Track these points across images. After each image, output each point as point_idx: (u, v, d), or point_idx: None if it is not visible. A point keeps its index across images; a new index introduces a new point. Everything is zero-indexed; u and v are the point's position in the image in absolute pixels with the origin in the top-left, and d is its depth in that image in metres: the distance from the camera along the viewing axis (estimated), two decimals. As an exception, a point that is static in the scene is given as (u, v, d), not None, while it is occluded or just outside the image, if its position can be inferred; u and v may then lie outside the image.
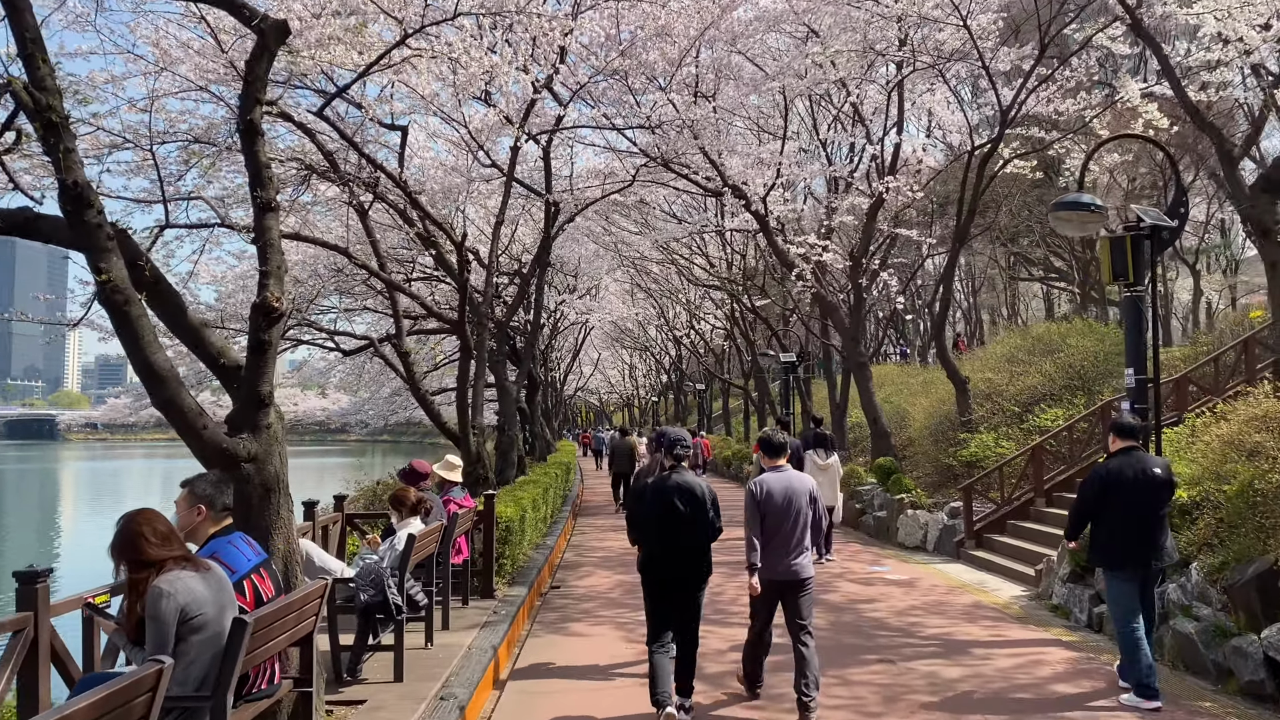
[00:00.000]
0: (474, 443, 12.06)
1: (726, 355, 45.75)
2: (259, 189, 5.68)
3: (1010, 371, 16.46)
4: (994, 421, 15.46)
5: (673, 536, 6.12)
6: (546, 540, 13.81)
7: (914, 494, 15.16)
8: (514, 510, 10.23)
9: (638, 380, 73.33)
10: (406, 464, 8.29)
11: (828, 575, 12.10)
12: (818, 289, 18.39)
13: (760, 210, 18.52)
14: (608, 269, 33.80)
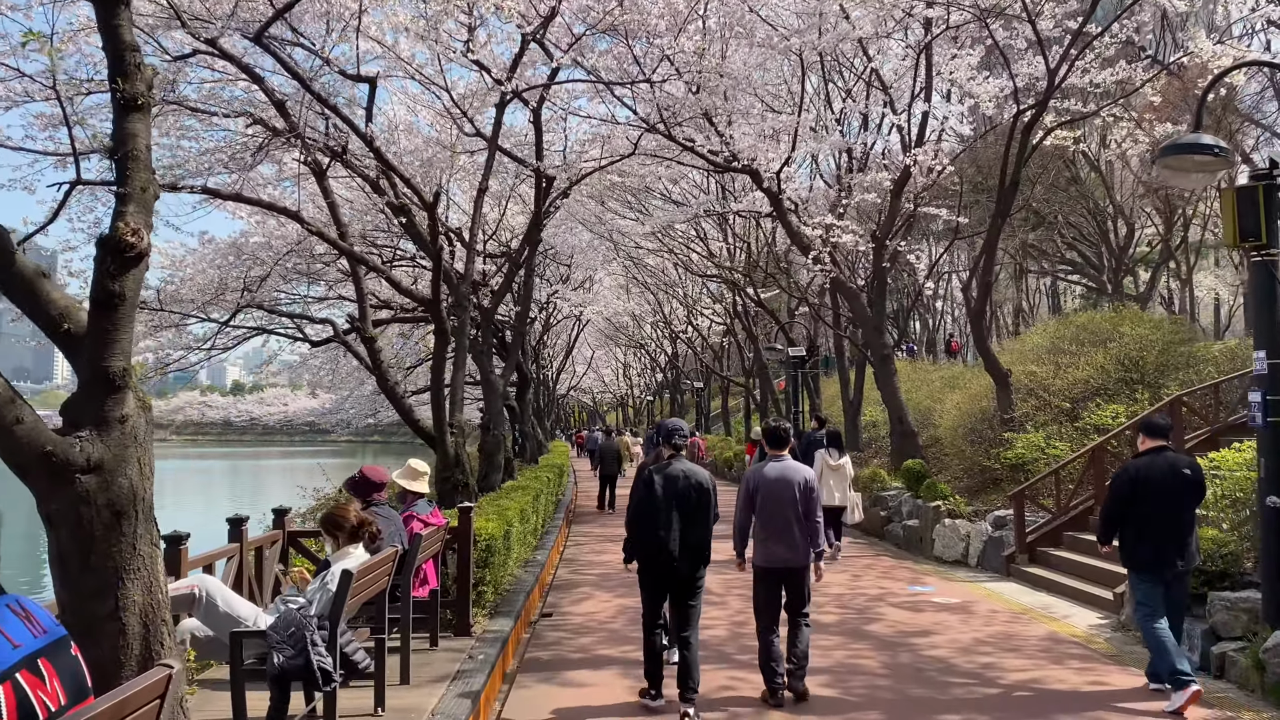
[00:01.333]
0: (452, 444, 10.31)
1: (726, 352, 44.04)
2: (121, 80, 3.95)
3: (1055, 363, 14.75)
4: (1040, 419, 13.78)
5: (677, 522, 6.19)
6: (536, 555, 12.06)
7: (951, 501, 13.44)
8: (497, 525, 8.49)
9: (632, 379, 71.59)
10: (356, 471, 6.54)
11: (865, 599, 10.38)
12: (836, 274, 16.67)
13: (773, 188, 16.80)
14: (603, 260, 32.09)
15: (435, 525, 6.86)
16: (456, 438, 10.45)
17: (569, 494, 23.26)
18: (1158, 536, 6.36)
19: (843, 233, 16.70)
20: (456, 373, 10.80)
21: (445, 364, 9.89)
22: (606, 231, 28.66)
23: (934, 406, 18.78)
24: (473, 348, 13.11)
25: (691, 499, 6.22)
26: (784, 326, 26.10)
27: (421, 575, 6.73)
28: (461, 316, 10.98)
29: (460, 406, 10.76)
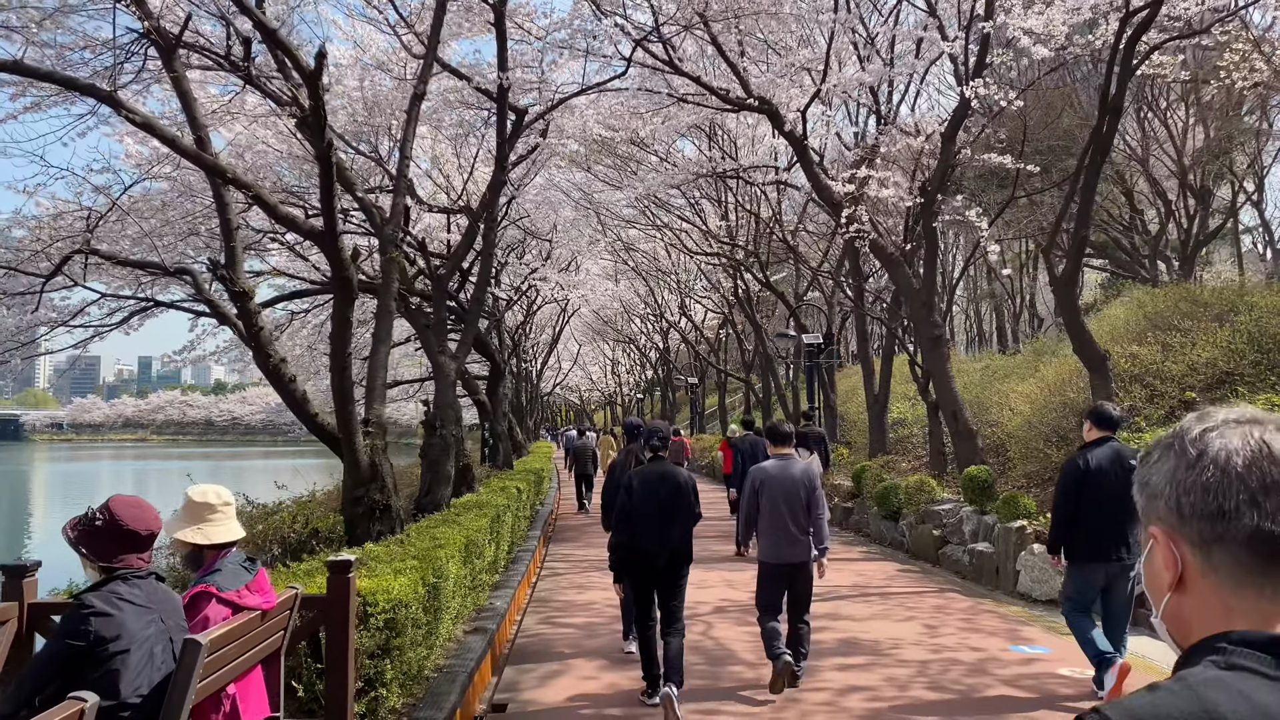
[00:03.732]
0: (366, 448, 7.11)
1: (723, 345, 40.90)
2: None
3: (1161, 343, 11.62)
4: (1153, 413, 10.64)
5: (660, 524, 6.29)
6: (494, 600, 8.84)
7: (1040, 521, 10.29)
8: (410, 582, 5.27)
9: (621, 376, 68.34)
10: (89, 511, 3.28)
11: (962, 669, 7.22)
12: (874, 236, 13.50)
13: (797, 131, 13.64)
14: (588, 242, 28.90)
15: (256, 607, 3.61)
16: (373, 440, 7.24)
17: (550, 502, 20.04)
18: (1099, 529, 6.22)
19: (882, 185, 13.53)
20: (378, 349, 7.60)
21: (350, 329, 6.70)
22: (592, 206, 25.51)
23: (987, 401, 15.65)
24: (417, 320, 9.90)
25: (672, 499, 6.34)
26: (794, 310, 22.89)
27: (227, 708, 3.50)
28: (387, 268, 7.78)
29: (382, 396, 7.56)
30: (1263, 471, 1.03)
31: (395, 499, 7.30)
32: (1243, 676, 0.95)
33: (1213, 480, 1.05)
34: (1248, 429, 1.07)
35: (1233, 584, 1.03)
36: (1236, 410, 1.11)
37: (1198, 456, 1.07)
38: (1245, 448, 1.05)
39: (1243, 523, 1.02)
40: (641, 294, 40.65)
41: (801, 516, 6.57)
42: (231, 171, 5.84)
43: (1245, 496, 1.03)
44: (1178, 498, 1.08)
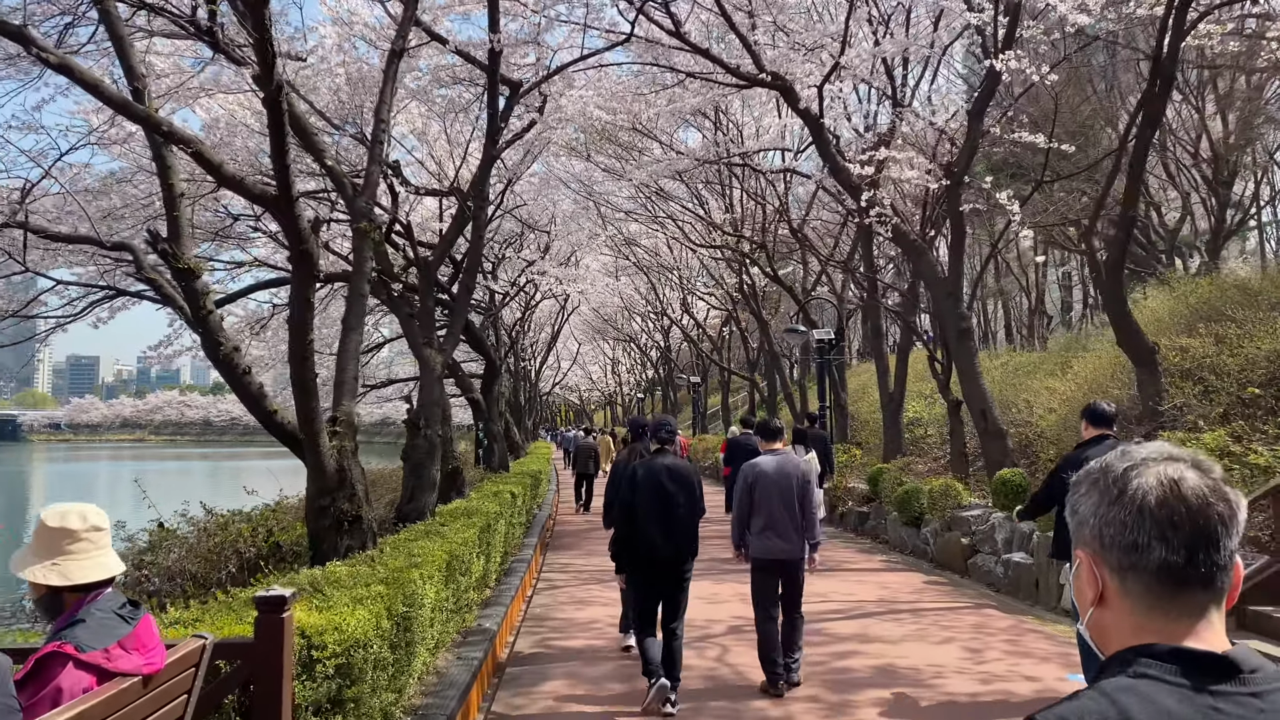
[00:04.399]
0: (332, 451, 6.15)
1: (726, 343, 39.93)
2: None
3: (1214, 335, 10.66)
4: (1208, 412, 9.68)
5: (665, 517, 6.20)
6: (483, 622, 7.88)
7: (1089, 530, 9.32)
8: (368, 618, 4.30)
9: (621, 376, 67.35)
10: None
11: (1017, 702, 6.26)
12: (897, 221, 12.53)
13: (813, 109, 12.69)
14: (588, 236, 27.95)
15: (134, 670, 2.63)
16: (341, 441, 6.28)
17: (548, 506, 19.09)
18: None
19: (904, 166, 12.58)
20: (348, 337, 6.64)
21: (312, 312, 5.72)
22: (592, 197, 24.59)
23: (1012, 399, 14.70)
24: (400, 309, 8.96)
25: (676, 493, 6.25)
26: (803, 305, 21.90)
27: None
28: (359, 245, 6.84)
29: (352, 391, 6.61)
30: (1171, 509, 1.18)
31: (367, 509, 6.34)
32: (1150, 683, 1.13)
33: (1129, 517, 1.20)
34: (1163, 468, 1.21)
35: (1144, 606, 1.20)
36: (1156, 448, 1.25)
37: (1119, 494, 1.22)
38: (1158, 487, 1.19)
39: (1153, 555, 1.18)
40: (643, 291, 39.71)
41: (795, 513, 6.54)
42: (167, 124, 4.91)
43: (1156, 533, 1.18)
44: (1100, 528, 1.23)
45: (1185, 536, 1.17)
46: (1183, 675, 1.12)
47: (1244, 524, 1.21)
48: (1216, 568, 1.18)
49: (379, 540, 6.87)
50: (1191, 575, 1.17)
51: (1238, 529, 1.19)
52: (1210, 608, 1.19)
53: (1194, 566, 1.17)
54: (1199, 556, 1.17)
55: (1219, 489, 1.19)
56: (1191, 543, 1.17)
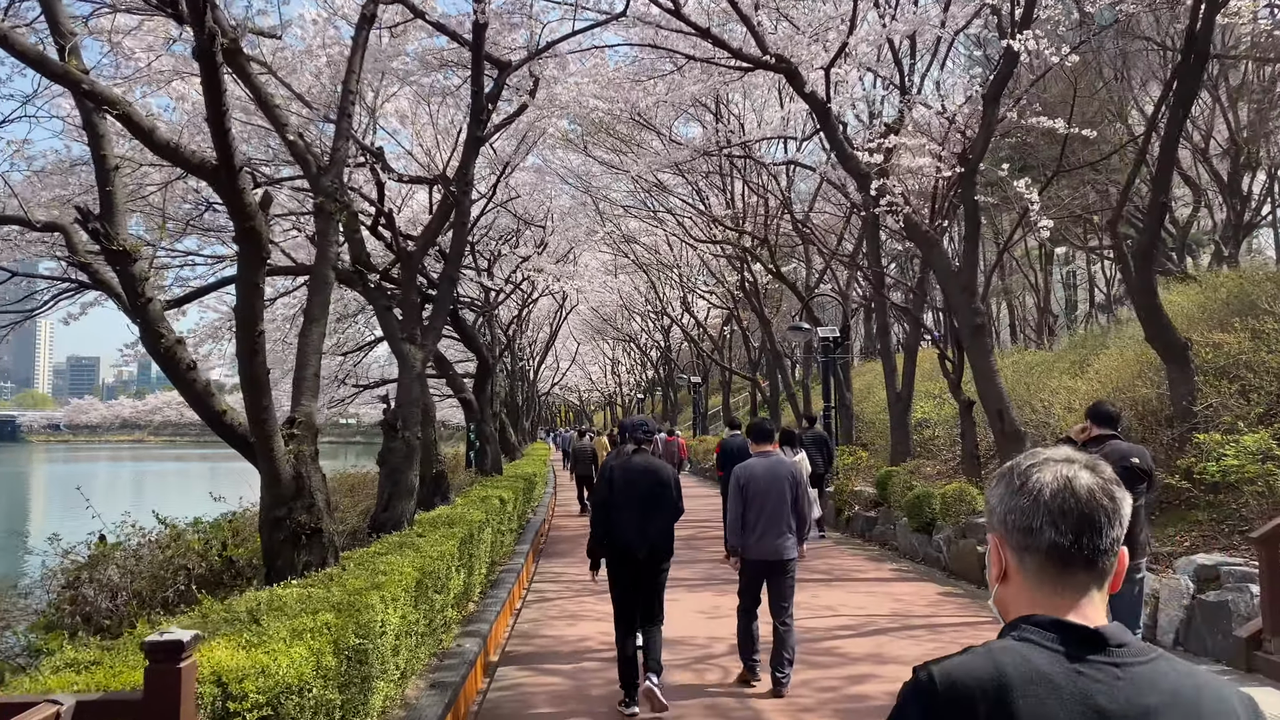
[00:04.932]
0: (288, 456, 5.48)
1: (728, 342, 39.25)
2: None
3: (1250, 330, 9.99)
4: (1247, 412, 9.01)
5: (640, 516, 6.25)
6: (463, 643, 7.21)
7: (1120, 540, 8.66)
8: (305, 656, 3.63)
9: (621, 376, 66.69)
10: None
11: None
12: (909, 211, 11.86)
13: (819, 94, 12.03)
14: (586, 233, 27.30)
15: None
16: (299, 445, 5.61)
17: (543, 511, 18.43)
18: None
19: (915, 154, 11.91)
20: (309, 330, 5.98)
21: (261, 298, 5.03)
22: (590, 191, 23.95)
23: (1027, 399, 14.02)
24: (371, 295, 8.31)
25: (652, 492, 6.31)
26: (807, 302, 21.22)
27: None
28: (325, 228, 6.18)
29: (313, 390, 5.94)
30: (1063, 500, 1.38)
31: (328, 521, 5.67)
32: (1028, 646, 1.33)
33: (1028, 505, 1.41)
34: (1060, 467, 1.42)
35: (1036, 582, 1.41)
36: (1061, 452, 1.46)
37: (1020, 486, 1.43)
38: (1054, 481, 1.40)
39: (1045, 537, 1.39)
40: (642, 289, 39.05)
41: (787, 514, 6.57)
42: (89, 82, 4.25)
43: (1048, 519, 1.39)
44: (1005, 514, 1.44)
45: (1073, 523, 1.37)
46: (1058, 642, 1.32)
47: (1127, 519, 1.40)
48: (1099, 551, 1.37)
49: (346, 554, 6.21)
50: (1076, 556, 1.37)
51: (1121, 522, 1.39)
52: (1092, 587, 1.39)
53: (1079, 549, 1.37)
54: (1084, 540, 1.37)
55: (1106, 488, 1.40)
56: (1078, 528, 1.37)
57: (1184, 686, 1.30)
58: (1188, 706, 1.28)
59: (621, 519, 6.28)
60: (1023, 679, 1.28)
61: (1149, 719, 1.27)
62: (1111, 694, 1.27)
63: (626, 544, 6.26)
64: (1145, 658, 1.32)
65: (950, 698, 1.30)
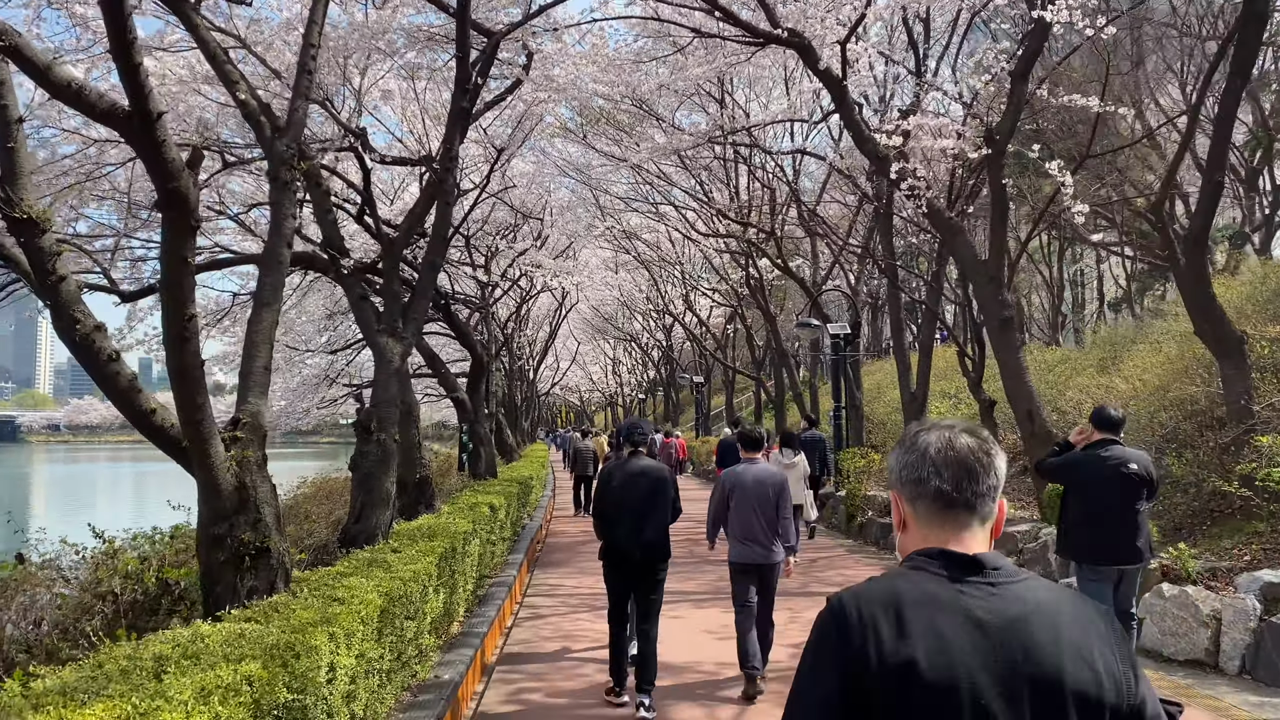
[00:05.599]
0: (229, 464, 4.66)
1: (731, 341, 38.42)
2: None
3: (1307, 323, 9.16)
4: (1311, 413, 8.17)
5: (635, 519, 6.30)
6: (442, 672, 6.37)
7: (1178, 555, 7.81)
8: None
9: (622, 376, 65.82)
10: None
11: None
12: (931, 196, 11.03)
13: (834, 70, 11.20)
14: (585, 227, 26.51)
15: None
16: (242, 450, 4.79)
17: (540, 516, 17.60)
18: (1103, 533, 6.15)
19: (936, 135, 11.07)
20: (260, 315, 5.15)
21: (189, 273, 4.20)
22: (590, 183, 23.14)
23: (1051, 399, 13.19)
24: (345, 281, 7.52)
25: (648, 494, 6.36)
26: (815, 298, 20.36)
27: None
28: (280, 199, 5.35)
29: (262, 387, 5.11)
30: (945, 455, 1.68)
31: (276, 538, 4.83)
32: (919, 574, 1.61)
33: (916, 460, 1.71)
34: (943, 431, 1.73)
35: (926, 523, 1.69)
36: (946, 421, 1.77)
37: (911, 446, 1.74)
38: (938, 441, 1.71)
39: (930, 485, 1.68)
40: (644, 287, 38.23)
41: (772, 520, 6.68)
42: None
43: (933, 470, 1.69)
44: (899, 471, 1.74)
45: (953, 473, 1.67)
46: (943, 567, 1.61)
47: (1003, 472, 1.71)
48: (976, 495, 1.67)
49: (304, 576, 5.38)
50: (957, 499, 1.67)
51: (996, 472, 1.69)
52: (973, 524, 1.67)
53: (959, 493, 1.67)
54: (963, 485, 1.67)
55: (983, 445, 1.71)
56: (957, 477, 1.67)
57: (1046, 599, 1.58)
58: (1050, 613, 1.56)
59: (617, 523, 6.35)
60: (914, 598, 1.56)
61: (1016, 625, 1.54)
62: (986, 606, 1.56)
63: (622, 546, 6.33)
64: (1016, 578, 1.61)
65: (858, 617, 1.56)
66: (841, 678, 1.52)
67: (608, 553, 6.44)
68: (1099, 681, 1.51)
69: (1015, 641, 1.51)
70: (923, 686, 1.48)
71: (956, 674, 1.49)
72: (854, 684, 1.51)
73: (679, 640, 8.04)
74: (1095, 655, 1.53)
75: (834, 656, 1.55)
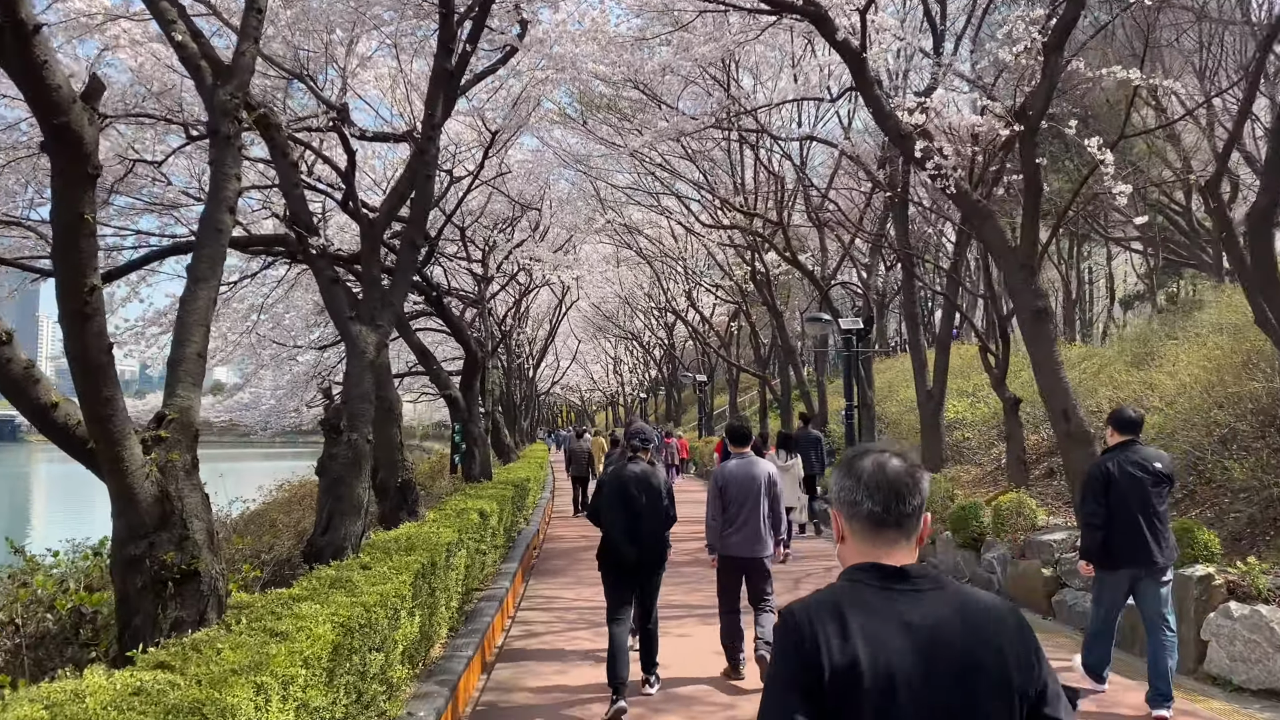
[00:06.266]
0: (142, 470, 3.84)
1: (735, 339, 37.59)
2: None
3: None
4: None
5: (630, 521, 6.42)
6: (416, 709, 5.52)
7: (1247, 569, 6.97)
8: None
9: (624, 375, 64.96)
10: None
11: None
12: (959, 176, 10.20)
13: (853, 43, 10.37)
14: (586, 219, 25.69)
15: None
16: (166, 453, 3.97)
17: (538, 517, 16.76)
18: (1128, 534, 6.15)
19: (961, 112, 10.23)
20: (194, 293, 4.33)
21: (89, 237, 3.39)
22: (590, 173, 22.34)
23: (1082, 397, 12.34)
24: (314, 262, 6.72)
25: (643, 498, 6.45)
26: (826, 292, 19.49)
27: None
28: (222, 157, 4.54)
29: (195, 378, 4.29)
30: (876, 479, 1.93)
31: (208, 559, 4.01)
32: (854, 584, 1.88)
33: (851, 485, 1.97)
34: (876, 456, 1.98)
35: (861, 540, 1.95)
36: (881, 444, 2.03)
37: (848, 470, 1.99)
38: (871, 465, 1.96)
39: (863, 506, 1.94)
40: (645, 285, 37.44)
41: (764, 514, 6.81)
42: None
43: (865, 494, 1.94)
44: (838, 493, 2.00)
45: (882, 496, 1.92)
46: (875, 578, 1.87)
47: (927, 491, 1.97)
48: (904, 515, 1.92)
49: (251, 600, 4.55)
50: (887, 519, 1.91)
51: (920, 493, 1.94)
52: (901, 541, 1.92)
53: (888, 513, 1.91)
54: (892, 506, 1.91)
55: (910, 470, 1.95)
56: (886, 500, 1.92)
57: (967, 601, 1.87)
58: (969, 613, 1.83)
59: (612, 527, 6.45)
60: (852, 604, 1.82)
61: (941, 626, 1.80)
62: (913, 609, 1.82)
63: (617, 552, 6.43)
64: (939, 585, 1.88)
65: (808, 624, 1.80)
66: (797, 678, 1.78)
67: (604, 553, 6.55)
68: (1007, 667, 1.80)
69: (939, 638, 1.79)
70: (866, 679, 1.74)
71: (893, 668, 1.75)
72: (809, 683, 1.76)
73: (685, 661, 7.24)
74: (1005, 646, 1.82)
75: (789, 661, 1.80)
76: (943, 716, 1.74)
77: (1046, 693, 1.83)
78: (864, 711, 1.72)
